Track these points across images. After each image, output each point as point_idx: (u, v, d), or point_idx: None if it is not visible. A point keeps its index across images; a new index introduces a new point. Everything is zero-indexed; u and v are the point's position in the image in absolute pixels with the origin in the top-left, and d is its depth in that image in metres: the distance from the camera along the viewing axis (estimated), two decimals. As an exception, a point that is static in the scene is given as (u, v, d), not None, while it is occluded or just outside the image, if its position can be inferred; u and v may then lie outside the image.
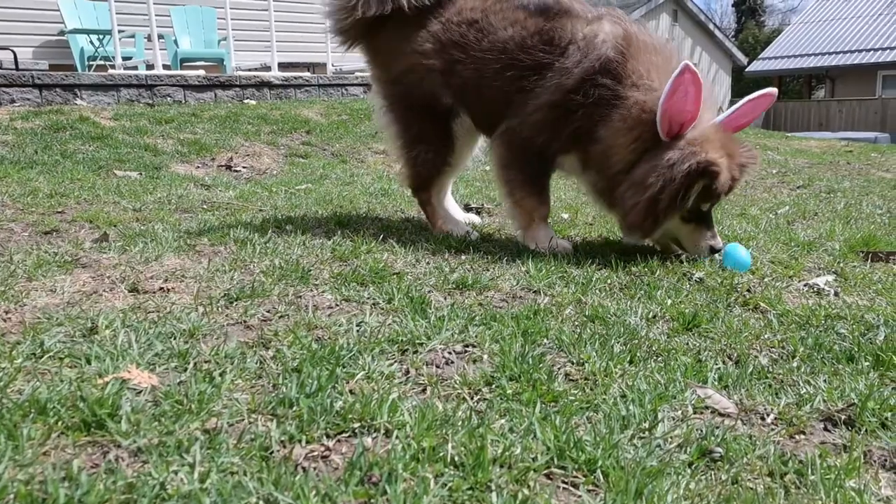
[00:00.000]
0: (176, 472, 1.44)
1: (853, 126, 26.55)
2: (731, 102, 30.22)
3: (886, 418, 1.91)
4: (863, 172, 8.29)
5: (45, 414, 1.66)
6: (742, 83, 36.73)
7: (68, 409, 1.69)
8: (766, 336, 2.51)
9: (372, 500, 1.42)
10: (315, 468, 1.54)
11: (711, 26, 28.75)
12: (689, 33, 27.83)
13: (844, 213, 5.32)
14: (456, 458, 1.58)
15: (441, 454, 1.58)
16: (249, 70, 11.80)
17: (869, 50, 28.40)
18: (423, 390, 1.98)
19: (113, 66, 10.27)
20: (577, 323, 2.58)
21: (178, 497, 1.36)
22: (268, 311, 2.58)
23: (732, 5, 52.75)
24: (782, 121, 28.87)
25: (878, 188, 7.08)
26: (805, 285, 3.17)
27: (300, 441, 1.64)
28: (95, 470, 1.47)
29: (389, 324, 2.48)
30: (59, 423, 1.64)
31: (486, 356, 2.23)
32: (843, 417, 1.91)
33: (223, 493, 1.37)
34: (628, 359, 2.24)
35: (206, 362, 2.07)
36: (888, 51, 27.75)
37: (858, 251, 3.90)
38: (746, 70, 31.72)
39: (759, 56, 32.82)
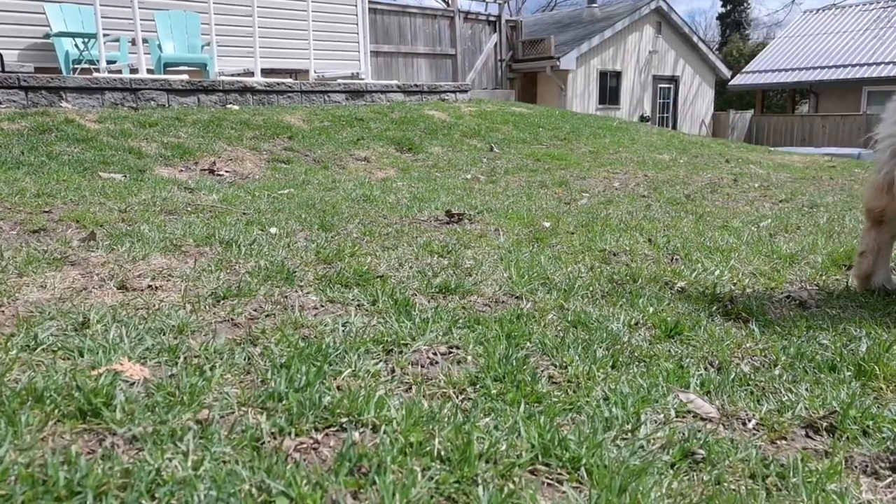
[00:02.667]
0: (170, 460, 1.46)
1: (837, 142, 26.29)
2: (714, 116, 29.52)
3: (868, 426, 1.93)
4: (846, 188, 8.28)
5: (42, 402, 1.69)
6: (725, 96, 36.79)
7: (64, 397, 1.71)
8: (747, 345, 2.54)
9: (361, 490, 1.45)
10: (305, 459, 1.57)
11: (695, 39, 28.52)
12: (672, 45, 27.74)
13: (827, 228, 5.30)
14: (442, 453, 1.61)
15: (428, 449, 1.62)
16: (232, 75, 11.77)
17: (854, 65, 27.82)
18: (409, 389, 2.01)
19: (97, 70, 10.23)
20: (559, 328, 2.62)
21: (174, 482, 1.38)
22: (254, 310, 2.61)
23: (717, 18, 52.57)
24: (765, 135, 28.76)
25: (861, 203, 7.06)
26: (787, 297, 3.21)
27: (290, 433, 1.67)
28: (92, 455, 1.50)
29: (374, 324, 2.51)
30: (56, 410, 1.66)
31: (470, 357, 2.26)
32: (824, 424, 1.94)
33: (217, 480, 1.40)
34: (611, 363, 2.27)
35: (195, 357, 2.10)
36: (874, 66, 27.13)
37: (841, 265, 3.92)
38: (730, 83, 31.40)
39: (743, 70, 32.44)
